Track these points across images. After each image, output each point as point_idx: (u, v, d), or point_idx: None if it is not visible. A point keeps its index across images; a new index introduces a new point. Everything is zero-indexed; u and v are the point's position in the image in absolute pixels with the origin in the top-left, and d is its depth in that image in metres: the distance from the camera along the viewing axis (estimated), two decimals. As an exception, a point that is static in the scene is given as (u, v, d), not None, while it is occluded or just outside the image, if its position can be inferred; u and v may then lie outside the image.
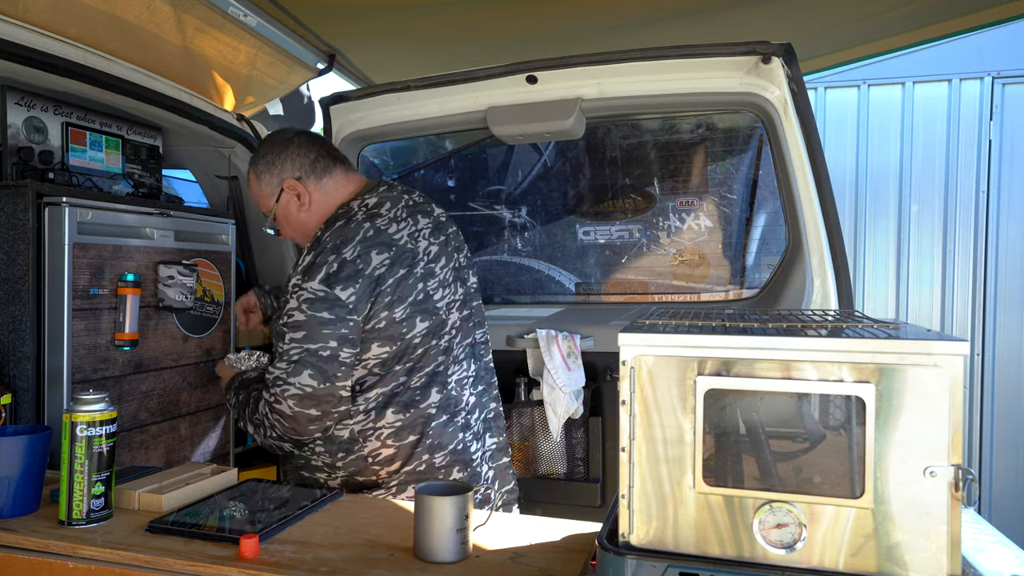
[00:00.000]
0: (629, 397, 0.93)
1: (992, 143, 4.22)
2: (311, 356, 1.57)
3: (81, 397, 1.27)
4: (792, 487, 0.89)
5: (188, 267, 2.24)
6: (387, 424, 1.67)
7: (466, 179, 3.21)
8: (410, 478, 1.68)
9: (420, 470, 1.68)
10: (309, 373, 1.56)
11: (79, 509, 1.25)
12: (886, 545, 0.86)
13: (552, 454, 2.63)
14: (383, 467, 1.67)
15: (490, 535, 1.25)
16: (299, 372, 1.56)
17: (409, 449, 1.68)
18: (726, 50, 2.11)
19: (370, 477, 1.67)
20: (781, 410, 0.91)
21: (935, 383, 0.84)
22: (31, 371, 1.85)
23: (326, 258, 1.63)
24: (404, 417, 1.68)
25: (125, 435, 2.06)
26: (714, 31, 2.80)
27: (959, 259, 4.28)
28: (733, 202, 2.81)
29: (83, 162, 2.30)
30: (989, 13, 2.60)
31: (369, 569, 1.11)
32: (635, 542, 0.93)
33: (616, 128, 2.91)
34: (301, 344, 1.58)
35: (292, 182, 1.82)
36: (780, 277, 2.41)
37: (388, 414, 1.66)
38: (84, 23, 2.05)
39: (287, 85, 2.93)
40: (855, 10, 2.69)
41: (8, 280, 1.85)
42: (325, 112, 2.66)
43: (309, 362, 1.57)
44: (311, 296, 1.60)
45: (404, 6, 2.52)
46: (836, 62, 3.29)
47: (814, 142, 2.14)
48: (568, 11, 2.59)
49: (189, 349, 2.32)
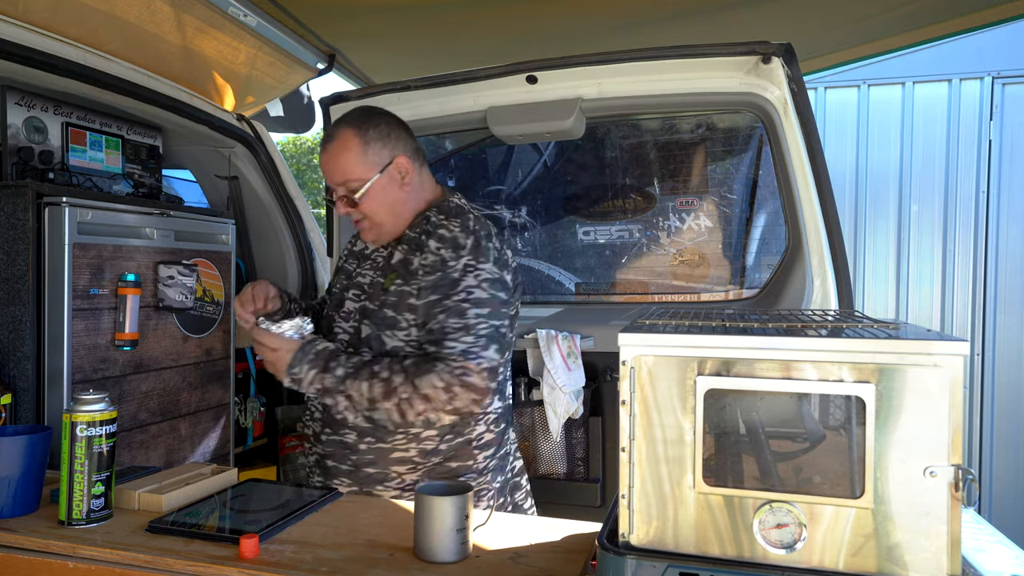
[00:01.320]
0: (629, 397, 0.93)
1: (992, 143, 4.22)
2: (496, 332, 1.62)
3: (81, 397, 1.27)
4: (792, 487, 0.89)
5: (188, 267, 2.24)
6: (493, 410, 1.75)
7: (466, 179, 3.21)
8: (498, 464, 1.75)
9: (501, 455, 1.77)
10: (495, 348, 1.61)
11: (79, 509, 1.25)
12: (886, 545, 0.86)
13: (552, 454, 2.63)
14: (482, 451, 1.72)
15: (490, 535, 1.25)
16: (488, 347, 1.59)
17: (500, 436, 1.76)
18: (726, 50, 2.11)
19: (466, 462, 1.70)
20: (781, 410, 0.91)
21: (935, 383, 0.84)
22: (31, 371, 1.85)
23: (488, 243, 1.68)
24: (502, 405, 1.78)
25: (125, 435, 2.06)
26: (714, 31, 2.80)
27: (959, 259, 4.28)
28: (733, 202, 2.81)
29: (83, 162, 2.30)
30: (989, 13, 2.60)
31: (369, 569, 1.11)
32: (635, 542, 0.93)
33: (616, 128, 2.91)
34: (488, 320, 1.62)
35: (404, 160, 1.73)
36: (780, 277, 2.41)
37: (495, 400, 1.75)
38: (84, 23, 2.05)
39: (287, 85, 2.93)
40: (855, 10, 2.69)
41: (8, 280, 1.85)
42: (325, 112, 2.66)
43: (495, 337, 1.61)
44: (490, 277, 1.65)
45: (404, 6, 2.52)
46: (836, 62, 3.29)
47: (814, 142, 2.14)
48: (568, 11, 2.59)
49: (189, 349, 2.32)
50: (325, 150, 1.71)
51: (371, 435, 1.67)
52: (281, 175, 2.97)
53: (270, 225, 3.00)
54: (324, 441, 1.71)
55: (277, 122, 3.39)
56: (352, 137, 1.70)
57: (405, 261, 1.70)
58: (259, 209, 2.99)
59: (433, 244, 1.66)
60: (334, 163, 1.70)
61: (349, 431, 1.69)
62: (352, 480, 1.69)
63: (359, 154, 1.70)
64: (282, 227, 2.99)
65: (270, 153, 2.94)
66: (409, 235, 1.73)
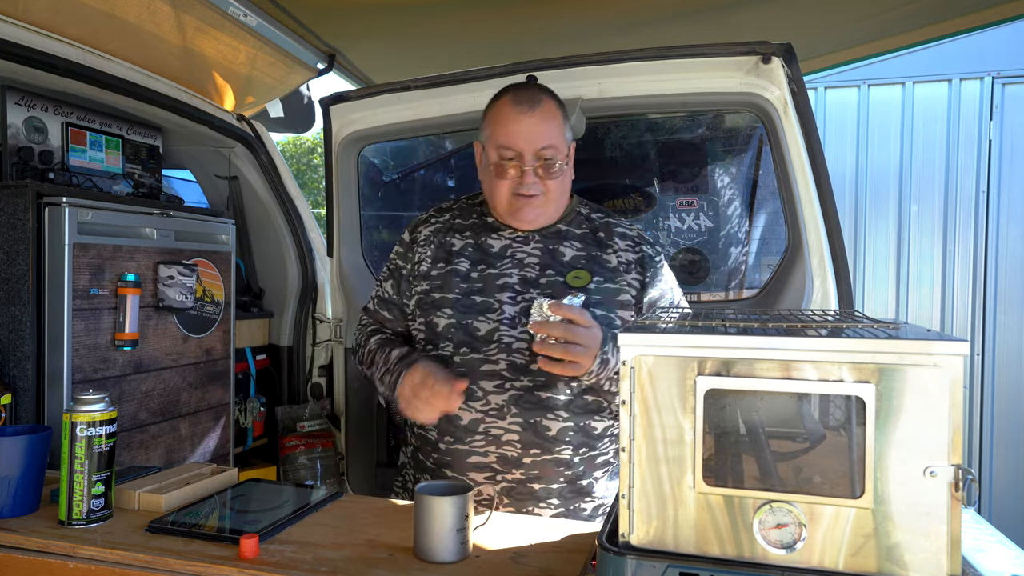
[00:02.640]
0: (629, 397, 0.93)
1: (992, 143, 4.23)
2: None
3: (81, 397, 1.27)
4: (792, 487, 0.89)
5: (188, 267, 2.24)
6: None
7: (466, 179, 3.21)
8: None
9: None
10: None
11: (79, 509, 1.25)
12: (886, 545, 0.86)
13: (552, 454, 2.62)
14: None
15: (490, 535, 1.25)
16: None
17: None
18: (726, 50, 2.11)
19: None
20: (781, 410, 0.91)
21: (935, 383, 0.84)
22: (31, 371, 1.85)
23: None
24: None
25: (125, 435, 2.06)
26: (714, 31, 2.80)
27: (959, 259, 4.28)
28: (733, 202, 2.81)
29: (83, 162, 2.30)
30: (989, 13, 2.60)
31: (369, 569, 1.11)
32: (635, 542, 0.93)
33: (616, 128, 2.91)
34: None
35: (573, 149, 1.68)
36: (780, 277, 2.41)
37: None
38: (84, 23, 2.05)
39: (287, 85, 2.93)
40: (855, 10, 2.69)
41: (8, 280, 1.85)
42: (325, 112, 2.66)
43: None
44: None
45: (404, 6, 2.52)
46: (836, 62, 3.29)
47: (814, 142, 2.14)
48: (568, 11, 2.59)
49: (189, 349, 2.32)
50: (529, 112, 1.57)
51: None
52: (281, 175, 2.97)
53: (270, 225, 3.00)
54: (528, 464, 1.55)
55: (277, 122, 3.39)
56: (556, 108, 1.62)
57: (594, 258, 1.63)
58: (259, 209, 2.99)
59: (623, 242, 1.67)
60: (542, 126, 1.57)
61: (565, 446, 1.55)
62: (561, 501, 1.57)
63: (561, 125, 1.62)
64: (282, 227, 2.99)
65: (270, 153, 2.94)
66: (573, 231, 1.67)
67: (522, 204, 1.60)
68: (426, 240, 1.71)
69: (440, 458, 1.61)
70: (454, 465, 1.58)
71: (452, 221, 1.73)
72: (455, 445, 1.58)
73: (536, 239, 1.65)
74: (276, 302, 3.05)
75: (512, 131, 1.57)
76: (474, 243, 1.67)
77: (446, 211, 1.77)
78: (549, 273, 1.61)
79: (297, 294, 3.01)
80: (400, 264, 1.75)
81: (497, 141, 1.59)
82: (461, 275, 1.64)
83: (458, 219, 1.74)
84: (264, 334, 3.01)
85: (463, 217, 1.74)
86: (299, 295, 3.02)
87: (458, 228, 1.72)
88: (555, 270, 1.61)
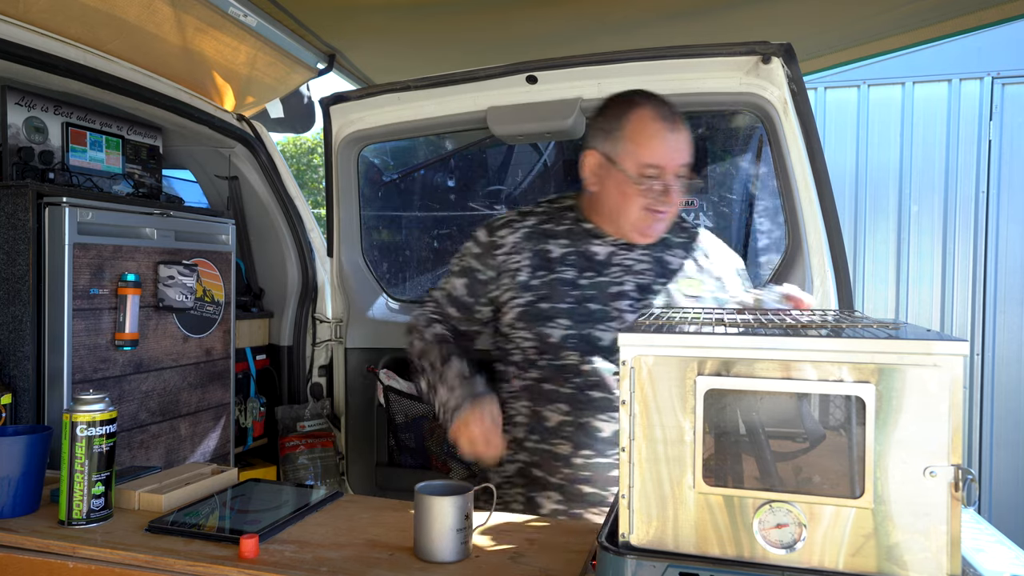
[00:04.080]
0: (629, 397, 0.93)
1: (992, 143, 4.22)
2: None
3: (81, 397, 1.27)
4: (792, 487, 0.89)
5: (188, 267, 2.24)
6: None
7: (466, 179, 3.21)
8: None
9: None
10: None
11: (79, 509, 1.25)
12: (886, 545, 0.86)
13: (552, 454, 2.62)
14: None
15: (490, 535, 1.25)
16: None
17: None
18: (726, 50, 2.11)
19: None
20: (781, 410, 0.91)
21: (935, 383, 0.84)
22: (31, 371, 1.85)
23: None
24: None
25: (125, 435, 2.06)
26: (714, 31, 2.80)
27: (959, 259, 4.28)
28: (733, 202, 2.81)
29: (83, 162, 2.30)
30: (989, 13, 2.60)
31: (369, 569, 1.11)
32: (635, 542, 0.93)
33: (616, 128, 2.91)
34: None
35: None
36: (780, 277, 2.40)
37: None
38: (84, 23, 2.05)
39: (287, 85, 2.93)
40: (855, 10, 2.69)
41: (8, 280, 1.85)
42: (325, 112, 2.66)
43: None
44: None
45: (404, 6, 2.52)
46: (836, 62, 3.28)
47: (814, 142, 2.14)
48: (568, 11, 2.59)
49: (189, 349, 2.32)
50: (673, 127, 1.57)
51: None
52: (281, 175, 2.97)
53: (270, 225, 3.00)
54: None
55: (277, 123, 3.40)
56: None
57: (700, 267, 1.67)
58: (259, 209, 2.99)
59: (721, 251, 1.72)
60: (684, 143, 1.58)
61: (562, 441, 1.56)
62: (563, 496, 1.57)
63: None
64: (282, 227, 2.99)
65: (270, 153, 2.94)
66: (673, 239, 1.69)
67: (654, 220, 1.58)
68: (515, 247, 1.66)
69: (574, 473, 1.56)
70: (594, 480, 1.55)
71: (541, 226, 1.68)
72: (595, 459, 1.54)
73: (640, 247, 1.64)
74: (276, 302, 3.05)
75: (659, 147, 1.54)
76: (576, 250, 1.64)
77: (530, 215, 1.71)
78: (662, 281, 1.61)
79: (297, 294, 3.01)
80: (475, 266, 1.70)
81: (641, 157, 1.55)
82: (568, 283, 1.60)
83: (548, 224, 1.68)
84: (264, 334, 3.01)
85: (554, 222, 1.68)
86: (299, 295, 3.02)
87: (550, 234, 1.66)
88: (667, 278, 1.61)
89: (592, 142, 1.65)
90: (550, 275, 1.61)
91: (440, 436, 2.66)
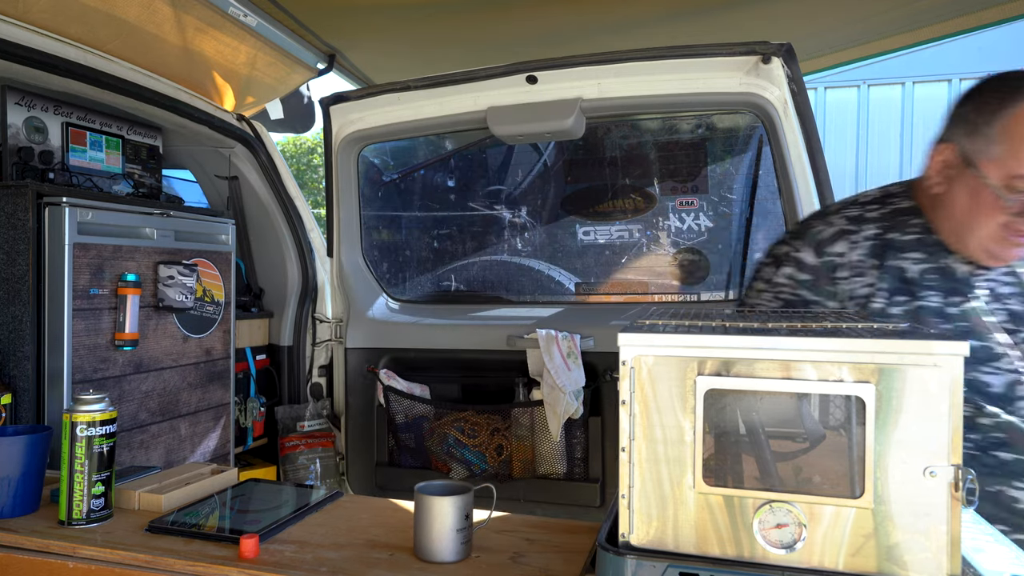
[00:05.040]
0: (629, 397, 0.93)
1: (992, 143, 4.22)
2: None
3: (81, 397, 1.27)
4: (792, 487, 0.89)
5: (188, 267, 2.24)
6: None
7: (466, 179, 3.21)
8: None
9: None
10: None
11: (79, 509, 1.25)
12: (886, 545, 0.86)
13: (552, 454, 2.63)
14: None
15: (490, 535, 1.25)
16: None
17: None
18: (726, 50, 2.11)
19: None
20: (781, 410, 0.91)
21: (935, 383, 0.84)
22: (31, 371, 1.85)
23: None
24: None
25: (125, 435, 2.06)
26: (714, 31, 2.80)
27: (959, 259, 4.27)
28: (733, 202, 2.81)
29: (83, 162, 2.30)
30: (989, 13, 2.60)
31: (369, 569, 1.11)
32: (635, 542, 0.93)
33: (616, 128, 2.91)
34: None
35: None
36: (780, 277, 2.40)
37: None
38: (84, 23, 2.05)
39: (287, 85, 2.93)
40: (855, 10, 2.69)
41: (8, 280, 1.85)
42: (325, 112, 2.66)
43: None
44: None
45: (404, 6, 2.52)
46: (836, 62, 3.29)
47: (814, 142, 2.14)
48: (568, 11, 2.59)
49: (189, 349, 2.32)
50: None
51: None
52: (281, 175, 2.97)
53: (270, 225, 3.00)
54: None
55: (277, 123, 3.40)
56: None
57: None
58: (259, 209, 2.99)
59: None
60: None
61: None
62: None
63: None
64: (282, 227, 2.99)
65: (270, 153, 2.94)
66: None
67: (1014, 245, 1.27)
68: (858, 266, 1.35)
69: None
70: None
71: (886, 236, 1.36)
72: (1013, 535, 1.24)
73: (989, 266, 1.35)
74: (276, 302, 3.05)
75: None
76: (934, 266, 1.33)
77: (863, 221, 1.38)
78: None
79: (297, 294, 3.01)
80: (809, 298, 1.39)
81: (1013, 168, 1.23)
82: (934, 311, 1.30)
83: (893, 233, 1.36)
84: (264, 334, 3.01)
85: (898, 231, 1.36)
86: (299, 295, 3.02)
87: (899, 246, 1.35)
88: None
89: (950, 133, 1.33)
90: (912, 300, 1.31)
91: (440, 436, 2.66)
